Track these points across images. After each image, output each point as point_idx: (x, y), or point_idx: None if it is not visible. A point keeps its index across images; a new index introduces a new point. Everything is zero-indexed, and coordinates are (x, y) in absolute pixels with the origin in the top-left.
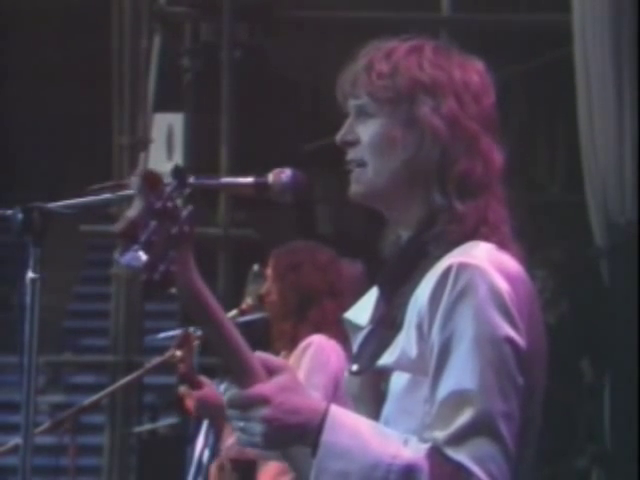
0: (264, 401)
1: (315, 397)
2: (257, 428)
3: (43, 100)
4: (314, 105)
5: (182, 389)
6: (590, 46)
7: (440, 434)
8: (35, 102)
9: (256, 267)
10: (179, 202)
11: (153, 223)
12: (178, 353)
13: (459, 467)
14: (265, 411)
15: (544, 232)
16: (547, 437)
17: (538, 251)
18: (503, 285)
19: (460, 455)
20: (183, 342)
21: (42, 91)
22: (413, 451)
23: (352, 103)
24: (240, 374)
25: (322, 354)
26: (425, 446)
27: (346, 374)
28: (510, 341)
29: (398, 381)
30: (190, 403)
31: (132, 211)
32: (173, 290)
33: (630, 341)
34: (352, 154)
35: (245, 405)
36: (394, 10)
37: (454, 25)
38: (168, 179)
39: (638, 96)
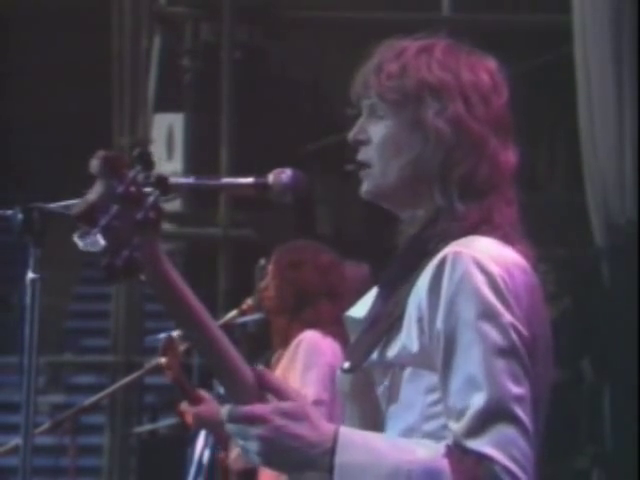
0: (261, 421)
1: (324, 422)
2: (253, 446)
3: (43, 100)
4: (314, 105)
5: (182, 406)
6: (590, 46)
7: (456, 426)
8: (35, 102)
9: (262, 262)
10: (148, 188)
11: (114, 207)
12: (162, 360)
13: (480, 457)
14: (260, 430)
15: (544, 232)
16: (547, 437)
17: (539, 250)
18: (498, 271)
19: (479, 444)
20: (167, 348)
21: (42, 91)
22: (430, 453)
23: (364, 103)
24: (218, 366)
25: (315, 348)
26: (441, 445)
27: (338, 372)
28: (514, 327)
29: (399, 378)
30: (190, 419)
31: (92, 194)
32: (141, 277)
33: (630, 341)
34: (362, 154)
35: (242, 422)
36: (394, 10)
37: (454, 25)
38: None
39: (638, 96)
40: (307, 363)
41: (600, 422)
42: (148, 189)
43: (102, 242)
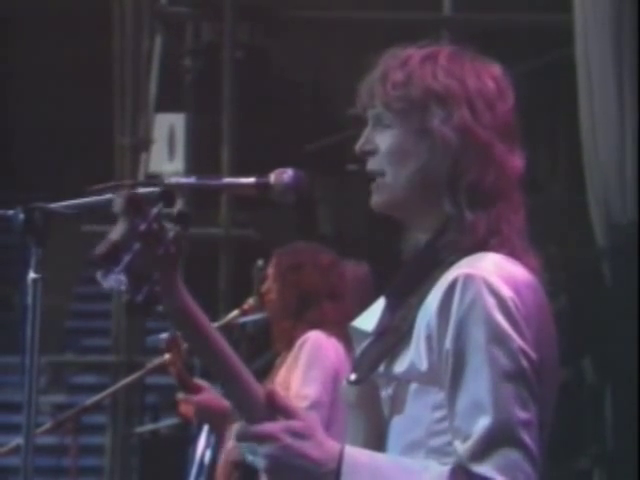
0: (270, 439)
1: (330, 442)
2: (262, 463)
3: (43, 100)
4: (315, 105)
5: (180, 395)
6: (591, 46)
7: (462, 448)
8: (35, 102)
9: (260, 262)
10: (166, 222)
11: (136, 245)
12: (166, 356)
13: None
14: (268, 449)
15: (544, 232)
16: (548, 438)
17: (538, 250)
18: (509, 294)
19: (484, 467)
20: (171, 345)
21: (42, 91)
22: (435, 477)
23: (370, 113)
24: (233, 391)
25: (319, 349)
26: (446, 468)
27: (344, 382)
28: (523, 352)
29: (404, 390)
30: (185, 409)
31: (114, 233)
32: (159, 308)
33: (631, 341)
34: (371, 164)
35: (253, 441)
36: (394, 10)
37: (455, 25)
38: (170, 178)
39: (639, 96)
40: (310, 362)
41: (601, 422)
42: (169, 224)
43: (125, 281)
